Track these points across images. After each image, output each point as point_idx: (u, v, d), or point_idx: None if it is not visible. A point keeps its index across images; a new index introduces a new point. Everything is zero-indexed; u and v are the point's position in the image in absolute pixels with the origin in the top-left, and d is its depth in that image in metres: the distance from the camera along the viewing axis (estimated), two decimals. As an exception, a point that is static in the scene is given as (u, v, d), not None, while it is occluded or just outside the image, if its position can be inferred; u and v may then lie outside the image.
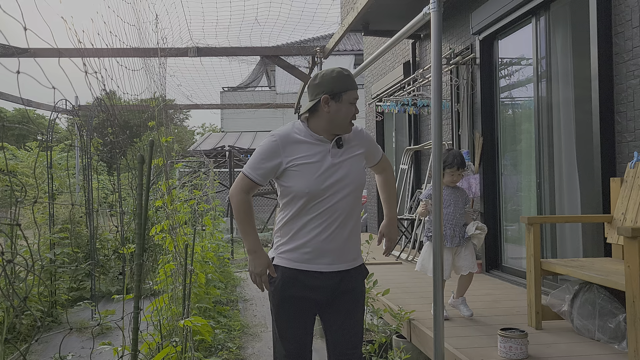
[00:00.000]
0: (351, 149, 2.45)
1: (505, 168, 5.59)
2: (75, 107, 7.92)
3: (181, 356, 3.24)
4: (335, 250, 2.39)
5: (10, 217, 2.32)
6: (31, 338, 2.70)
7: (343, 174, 2.38)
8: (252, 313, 6.18)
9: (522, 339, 2.97)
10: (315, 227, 2.36)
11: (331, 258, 2.38)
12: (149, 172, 2.62)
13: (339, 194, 2.36)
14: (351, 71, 2.84)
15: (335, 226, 2.37)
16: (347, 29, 6.77)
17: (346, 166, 2.40)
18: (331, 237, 2.37)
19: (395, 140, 8.87)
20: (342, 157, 2.40)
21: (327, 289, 2.40)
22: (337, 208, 2.37)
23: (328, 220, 2.37)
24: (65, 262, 6.20)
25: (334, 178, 2.36)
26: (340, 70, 2.41)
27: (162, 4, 11.53)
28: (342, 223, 2.39)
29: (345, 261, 2.42)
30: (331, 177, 2.35)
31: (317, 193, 2.34)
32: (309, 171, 2.34)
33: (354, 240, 2.45)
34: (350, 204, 2.40)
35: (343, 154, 2.41)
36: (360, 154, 2.48)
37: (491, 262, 5.57)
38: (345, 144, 2.43)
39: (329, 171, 2.35)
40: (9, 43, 2.99)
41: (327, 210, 2.36)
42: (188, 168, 13.09)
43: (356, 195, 2.43)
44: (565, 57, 4.59)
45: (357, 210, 2.46)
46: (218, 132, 26.58)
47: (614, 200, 3.65)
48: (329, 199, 2.36)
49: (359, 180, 2.43)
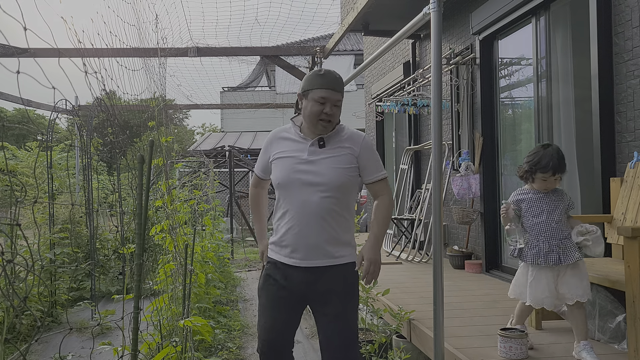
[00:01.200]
0: (336, 150, 2.48)
1: (505, 168, 5.59)
2: (75, 107, 7.91)
3: (181, 356, 3.24)
4: (308, 247, 2.43)
5: (10, 217, 2.32)
6: (31, 338, 2.70)
7: (316, 169, 2.44)
8: (252, 313, 6.18)
9: (522, 339, 2.97)
10: (289, 221, 2.46)
11: (303, 254, 2.44)
12: (149, 172, 2.62)
13: (310, 190, 2.42)
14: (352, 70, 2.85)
15: (308, 222, 2.42)
16: (347, 29, 6.78)
17: (322, 164, 2.45)
18: (303, 233, 2.43)
19: (395, 140, 8.87)
20: (320, 155, 2.46)
21: (302, 284, 2.45)
22: (308, 204, 2.42)
23: (299, 215, 2.43)
24: (65, 262, 6.20)
25: (305, 173, 2.43)
26: (316, 71, 2.50)
27: (162, 4, 11.54)
28: (317, 221, 2.41)
29: (318, 258, 2.43)
30: (302, 172, 2.44)
31: (287, 184, 2.45)
32: (284, 164, 2.49)
33: (333, 239, 2.45)
34: (326, 202, 2.42)
35: (322, 153, 2.47)
36: (345, 156, 2.48)
37: (491, 262, 5.57)
38: (330, 145, 2.49)
39: (302, 166, 2.45)
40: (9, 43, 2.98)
41: (298, 205, 2.43)
42: (188, 168, 13.09)
43: (333, 195, 2.43)
44: (565, 57, 4.59)
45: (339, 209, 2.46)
46: (218, 132, 26.58)
47: (614, 200, 3.65)
48: (300, 193, 2.43)
49: (336, 177, 2.43)
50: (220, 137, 19.13)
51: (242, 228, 13.64)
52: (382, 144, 9.61)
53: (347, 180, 2.47)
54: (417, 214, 6.66)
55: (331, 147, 2.48)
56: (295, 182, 2.44)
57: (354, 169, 2.49)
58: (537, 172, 2.95)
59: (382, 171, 2.57)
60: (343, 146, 2.49)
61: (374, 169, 2.54)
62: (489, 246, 5.58)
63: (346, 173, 2.46)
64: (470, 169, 5.66)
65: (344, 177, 2.46)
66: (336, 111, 2.47)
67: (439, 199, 2.75)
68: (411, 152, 7.60)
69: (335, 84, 2.46)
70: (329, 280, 2.45)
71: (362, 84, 15.37)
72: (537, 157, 2.96)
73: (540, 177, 2.96)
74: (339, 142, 2.50)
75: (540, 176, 2.95)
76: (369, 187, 2.59)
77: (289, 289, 2.48)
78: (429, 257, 6.38)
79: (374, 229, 2.56)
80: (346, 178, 2.46)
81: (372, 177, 2.54)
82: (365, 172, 2.53)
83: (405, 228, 7.07)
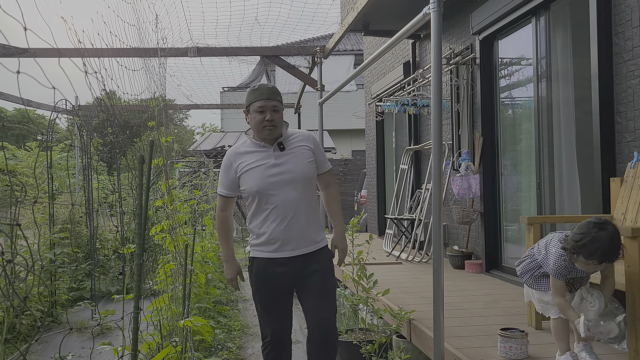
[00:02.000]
0: (296, 148, 2.86)
1: (505, 168, 5.59)
2: (75, 107, 7.92)
3: (181, 356, 3.24)
4: (296, 237, 2.80)
5: (10, 217, 2.32)
6: (31, 338, 2.70)
7: (286, 169, 2.80)
8: (252, 313, 6.18)
9: (522, 339, 2.97)
10: (273, 220, 2.79)
11: (293, 244, 2.81)
12: (149, 172, 2.62)
13: (287, 187, 2.78)
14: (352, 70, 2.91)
15: (291, 216, 2.78)
16: (347, 29, 6.77)
17: (289, 162, 2.82)
18: (289, 226, 2.78)
19: (395, 140, 8.87)
20: (284, 157, 2.83)
21: (294, 270, 2.83)
22: (289, 200, 2.77)
23: (283, 212, 2.78)
24: (65, 262, 6.20)
25: (278, 174, 2.78)
26: (251, 87, 2.88)
27: (162, 4, 11.54)
28: (297, 212, 2.79)
29: (306, 245, 2.83)
30: (276, 174, 2.79)
31: (265, 188, 2.78)
32: (255, 173, 2.80)
33: (312, 226, 2.86)
34: (301, 195, 2.80)
35: (286, 155, 2.84)
36: (305, 152, 2.86)
37: (491, 262, 5.57)
38: (289, 146, 2.86)
39: (273, 169, 2.79)
40: (9, 43, 2.99)
41: (280, 203, 2.77)
42: (188, 168, 13.08)
43: (305, 186, 2.83)
44: (565, 57, 4.59)
45: (310, 199, 2.85)
46: (218, 132, 26.57)
47: (614, 200, 3.65)
48: (279, 193, 2.77)
49: (304, 171, 2.83)
50: (220, 137, 19.11)
51: (242, 228, 13.63)
52: (382, 144, 9.61)
53: (312, 171, 2.88)
54: (417, 214, 6.66)
55: (290, 148, 2.86)
56: (273, 185, 2.78)
57: (313, 162, 2.89)
58: (580, 255, 2.58)
59: (329, 164, 3.02)
60: (300, 145, 2.88)
61: (324, 162, 2.97)
62: (489, 246, 5.58)
63: (309, 166, 2.87)
64: (470, 169, 5.66)
65: (309, 170, 2.86)
66: (276, 116, 2.81)
67: (439, 199, 2.75)
68: (411, 152, 7.60)
69: (268, 93, 2.82)
70: (315, 262, 2.85)
71: (362, 84, 15.37)
72: (586, 239, 2.53)
73: (583, 260, 2.59)
74: (295, 143, 2.88)
75: (583, 260, 2.58)
76: (320, 177, 2.99)
77: (284, 280, 2.84)
78: (429, 257, 6.38)
79: (338, 221, 3.03)
80: (311, 170, 2.87)
81: (323, 168, 2.97)
82: (318, 165, 2.94)
83: (405, 228, 7.07)
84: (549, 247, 2.86)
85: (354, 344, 3.78)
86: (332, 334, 2.85)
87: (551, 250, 2.81)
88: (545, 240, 2.95)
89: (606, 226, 2.54)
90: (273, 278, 2.84)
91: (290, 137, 2.89)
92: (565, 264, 2.72)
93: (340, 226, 3.04)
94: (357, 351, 3.69)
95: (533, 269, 2.98)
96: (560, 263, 2.72)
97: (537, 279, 2.97)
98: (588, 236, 2.53)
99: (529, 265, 3.01)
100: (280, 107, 2.85)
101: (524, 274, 3.03)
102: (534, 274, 2.98)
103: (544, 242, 2.94)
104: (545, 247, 2.89)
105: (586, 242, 2.52)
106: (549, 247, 2.85)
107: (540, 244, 2.98)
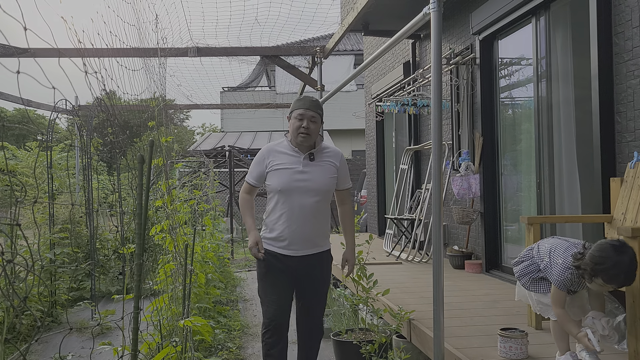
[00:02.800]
0: (323, 162, 3.18)
1: (505, 168, 5.59)
2: (75, 107, 7.92)
3: (181, 356, 3.24)
4: (303, 240, 3.13)
5: (10, 217, 2.32)
6: (31, 338, 2.70)
7: (309, 177, 3.11)
8: (252, 313, 6.18)
9: (522, 339, 2.97)
10: (286, 221, 3.11)
11: (299, 245, 3.14)
12: (149, 172, 2.62)
13: (306, 195, 3.09)
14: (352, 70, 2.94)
15: (303, 221, 3.10)
16: (347, 29, 6.78)
17: (313, 173, 3.13)
18: (299, 230, 3.11)
19: (395, 140, 8.87)
20: (312, 166, 3.14)
21: (298, 267, 3.16)
22: (304, 206, 3.09)
23: (297, 216, 3.09)
24: (65, 262, 6.20)
25: (300, 181, 3.09)
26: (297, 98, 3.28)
27: (162, 4, 11.54)
28: (308, 220, 3.11)
29: (310, 248, 3.17)
30: (300, 180, 3.10)
31: (287, 190, 3.09)
32: (283, 173, 3.12)
33: (319, 233, 3.19)
34: (317, 204, 3.12)
35: (313, 165, 3.15)
36: (330, 167, 3.19)
37: (491, 262, 5.57)
38: (318, 158, 3.18)
39: (299, 175, 3.11)
40: (9, 43, 2.99)
41: (295, 207, 3.09)
42: (188, 168, 13.08)
43: (322, 199, 3.14)
44: (565, 57, 4.59)
45: (323, 209, 3.18)
46: (218, 132, 26.56)
47: (614, 200, 3.65)
48: (297, 198, 3.08)
49: (325, 184, 3.15)
50: (220, 137, 19.09)
51: (242, 228, 13.63)
52: (382, 144, 9.60)
53: (331, 186, 3.20)
54: (417, 214, 6.66)
55: (319, 160, 3.18)
56: (295, 189, 3.09)
57: (335, 178, 3.21)
58: (599, 278, 2.48)
59: (350, 183, 3.33)
60: (328, 160, 3.20)
61: (345, 180, 3.29)
62: (489, 246, 5.58)
63: (331, 181, 3.18)
64: (470, 169, 5.66)
65: (329, 184, 3.18)
66: (312, 125, 3.11)
67: (439, 199, 2.75)
68: (411, 152, 7.59)
69: (309, 104, 3.15)
70: (316, 264, 3.21)
71: (362, 84, 15.37)
72: (607, 263, 2.44)
73: (600, 283, 2.51)
74: (324, 157, 3.20)
75: (600, 282, 2.50)
76: (338, 193, 3.31)
77: (287, 273, 3.17)
78: (429, 257, 6.37)
79: (349, 237, 3.36)
80: (331, 185, 3.19)
81: (343, 185, 3.30)
82: (339, 181, 3.26)
83: (405, 228, 7.07)
84: (552, 255, 2.81)
85: (354, 344, 3.78)
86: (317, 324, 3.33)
87: (557, 260, 2.76)
88: (548, 246, 2.89)
89: (626, 250, 2.47)
90: (277, 269, 3.17)
91: (322, 150, 3.22)
92: (572, 277, 2.67)
93: (351, 241, 3.37)
94: (357, 351, 3.69)
95: (532, 272, 2.94)
96: (566, 276, 2.68)
97: (536, 281, 2.94)
98: (609, 261, 2.44)
99: (528, 268, 2.98)
100: (318, 119, 3.15)
101: (522, 277, 3.00)
102: (532, 277, 2.95)
103: (546, 248, 2.89)
104: (548, 254, 2.84)
105: (608, 267, 2.44)
106: (552, 256, 2.80)
107: (541, 249, 2.93)
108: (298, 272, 3.19)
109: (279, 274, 3.17)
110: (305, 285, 3.26)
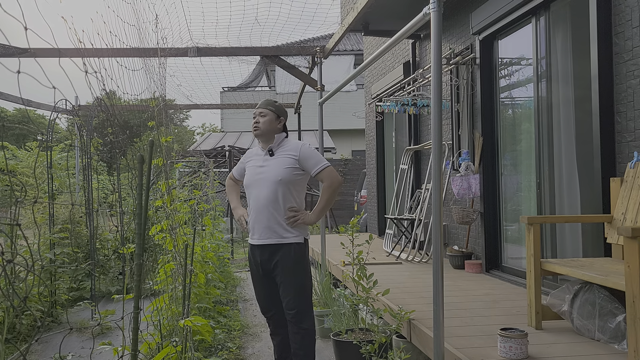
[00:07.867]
0: (282, 156, 3.36)
1: (505, 168, 5.59)
2: (75, 107, 7.92)
3: (181, 356, 3.24)
4: (262, 229, 3.31)
5: (10, 217, 2.32)
6: (31, 338, 2.70)
7: (265, 170, 3.34)
8: (252, 313, 6.18)
9: (522, 339, 2.97)
10: (252, 212, 3.37)
11: (259, 234, 3.33)
12: (149, 172, 2.62)
13: (262, 187, 3.32)
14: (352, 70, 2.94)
15: (260, 210, 3.31)
16: (347, 29, 6.77)
17: (270, 166, 3.34)
18: (257, 218, 3.32)
19: (395, 140, 8.87)
20: (270, 161, 3.36)
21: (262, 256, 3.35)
22: (261, 197, 3.31)
23: (257, 206, 3.33)
24: (65, 262, 6.20)
25: (259, 174, 3.36)
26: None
27: (162, 4, 11.52)
28: (265, 208, 3.29)
29: (270, 237, 3.31)
30: (258, 173, 3.37)
31: (250, 184, 3.39)
32: (250, 170, 3.45)
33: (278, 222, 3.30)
34: (273, 194, 3.29)
35: (272, 159, 3.36)
36: (287, 159, 3.33)
37: (491, 262, 5.57)
38: (278, 153, 3.38)
39: (258, 169, 3.38)
40: (9, 43, 2.98)
41: (256, 198, 3.34)
42: (188, 168, 13.08)
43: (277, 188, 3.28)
44: (565, 57, 4.59)
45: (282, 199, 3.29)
46: (218, 132, 26.56)
47: (614, 200, 3.65)
48: (257, 189, 3.34)
49: (279, 175, 3.29)
50: (220, 137, 19.11)
51: (242, 230, 13.61)
52: (382, 144, 9.61)
53: (287, 176, 3.30)
54: (417, 214, 6.66)
55: (278, 155, 3.37)
56: (254, 182, 3.37)
57: (296, 169, 3.33)
58: None
59: (322, 163, 3.36)
60: (286, 153, 3.36)
61: (314, 164, 3.36)
62: (489, 246, 5.58)
63: (287, 171, 3.30)
64: (470, 169, 5.66)
65: (284, 174, 3.29)
66: (261, 119, 3.39)
67: (439, 199, 2.75)
68: (411, 152, 7.60)
69: (260, 103, 3.49)
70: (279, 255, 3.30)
71: (362, 84, 15.37)
72: None
73: None
74: (283, 151, 3.38)
75: None
76: (316, 177, 3.39)
77: (259, 265, 3.39)
78: (429, 257, 6.38)
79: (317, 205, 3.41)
80: (286, 174, 3.30)
81: (314, 169, 3.36)
82: (308, 167, 3.35)
83: (405, 228, 7.07)
84: None
85: (354, 344, 3.78)
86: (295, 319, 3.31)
87: None
88: None
89: None
90: (252, 263, 3.45)
91: (282, 145, 3.41)
92: None
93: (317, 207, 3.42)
94: (357, 351, 3.69)
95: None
96: None
97: None
98: None
99: None
100: (267, 113, 3.40)
101: None
102: None
103: None
104: None
105: None
106: None
107: None
108: (264, 263, 3.35)
109: (255, 267, 3.43)
110: (276, 276, 3.36)
